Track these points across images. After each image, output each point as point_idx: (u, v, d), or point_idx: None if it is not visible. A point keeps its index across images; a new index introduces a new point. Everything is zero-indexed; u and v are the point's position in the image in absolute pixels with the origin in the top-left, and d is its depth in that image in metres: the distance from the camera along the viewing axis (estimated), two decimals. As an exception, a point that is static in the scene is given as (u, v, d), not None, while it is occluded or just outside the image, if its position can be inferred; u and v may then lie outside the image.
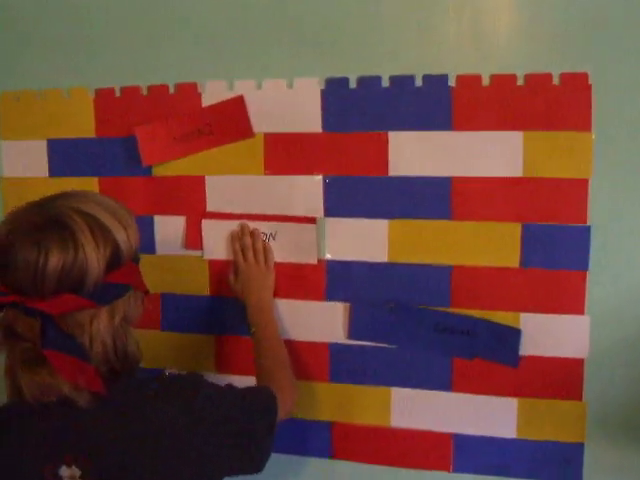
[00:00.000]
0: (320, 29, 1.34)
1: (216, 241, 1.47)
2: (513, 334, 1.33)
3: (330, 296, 1.42)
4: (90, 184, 1.51)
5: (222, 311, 1.49)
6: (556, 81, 1.25)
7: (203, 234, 1.47)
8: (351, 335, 1.42)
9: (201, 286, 1.49)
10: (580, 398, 1.33)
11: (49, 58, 1.50)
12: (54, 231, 0.89)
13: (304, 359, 1.46)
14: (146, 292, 1.04)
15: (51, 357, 0.89)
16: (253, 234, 1.43)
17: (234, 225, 1.45)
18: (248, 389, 1.12)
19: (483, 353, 1.35)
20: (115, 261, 0.93)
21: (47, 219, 0.90)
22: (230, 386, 1.09)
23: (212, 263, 1.48)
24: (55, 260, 0.87)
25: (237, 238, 1.43)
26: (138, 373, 1.01)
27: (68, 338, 0.91)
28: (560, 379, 1.33)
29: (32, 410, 0.93)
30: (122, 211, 0.98)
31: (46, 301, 0.89)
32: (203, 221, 1.46)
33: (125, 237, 0.95)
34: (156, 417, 0.95)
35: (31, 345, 0.91)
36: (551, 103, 1.26)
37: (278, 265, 1.44)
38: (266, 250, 1.42)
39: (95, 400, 0.92)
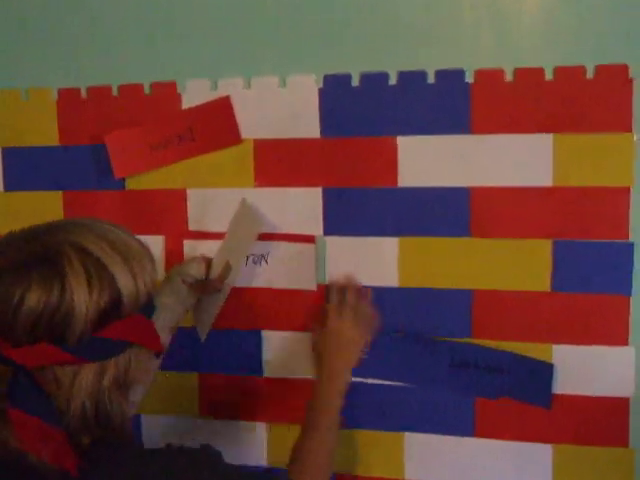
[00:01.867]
0: (317, 19, 1.32)
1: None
2: (545, 370, 1.30)
3: None
4: (52, 199, 1.48)
5: (207, 345, 1.45)
6: (590, 75, 1.22)
7: (185, 257, 1.44)
8: (357, 372, 1.36)
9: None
10: (626, 444, 1.30)
11: (4, 53, 1.47)
12: (40, 267, 0.83)
13: (302, 400, 1.36)
14: (158, 351, 0.97)
15: (15, 417, 0.82)
16: (360, 292, 1.35)
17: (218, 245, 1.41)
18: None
19: (510, 392, 1.32)
20: (112, 312, 0.86)
21: (37, 253, 0.85)
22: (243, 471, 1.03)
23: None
24: (33, 301, 0.81)
25: (339, 290, 1.35)
26: (130, 447, 0.94)
27: (40, 395, 0.84)
28: (602, 422, 1.30)
29: None
30: (137, 250, 0.91)
31: (18, 349, 0.82)
32: (185, 242, 1.43)
33: (132, 284, 0.88)
34: None
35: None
36: (585, 100, 1.23)
37: (271, 292, 1.41)
38: (370, 316, 1.34)
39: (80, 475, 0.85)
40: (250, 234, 1.34)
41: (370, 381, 1.38)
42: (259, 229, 1.34)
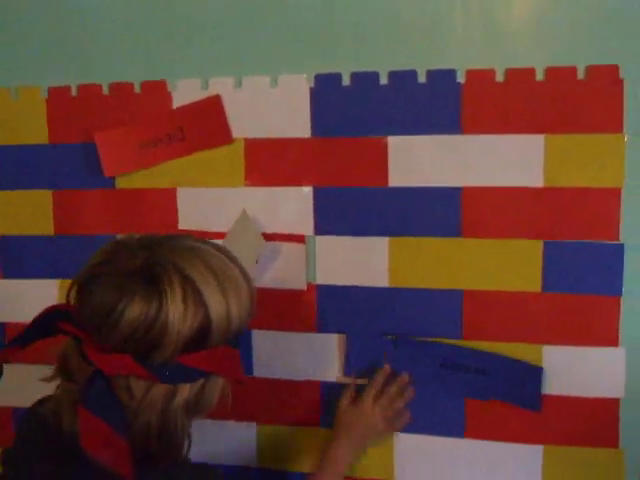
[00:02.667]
0: (309, 18, 1.31)
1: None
2: (534, 373, 1.29)
3: (322, 327, 1.39)
4: (42, 198, 1.47)
5: None
6: (581, 75, 1.22)
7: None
8: (347, 371, 1.38)
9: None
10: (616, 445, 1.29)
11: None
12: (144, 285, 0.87)
13: (291, 401, 1.42)
14: (238, 382, 0.99)
15: (83, 416, 0.86)
16: (401, 383, 1.34)
17: None
18: None
19: (499, 394, 1.32)
20: (200, 340, 0.90)
21: (144, 268, 0.89)
22: None
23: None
24: (134, 314, 0.86)
25: (384, 373, 1.34)
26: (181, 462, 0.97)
27: (112, 401, 0.88)
28: (592, 423, 1.29)
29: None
30: (235, 281, 0.94)
31: (103, 355, 0.88)
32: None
33: (225, 316, 0.91)
34: None
35: (76, 388, 0.91)
36: (576, 101, 1.23)
37: (262, 291, 1.35)
38: (401, 412, 1.34)
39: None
40: (253, 252, 1.34)
41: (359, 381, 1.37)
42: (262, 249, 1.34)
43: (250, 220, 1.36)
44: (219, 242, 1.10)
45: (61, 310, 0.95)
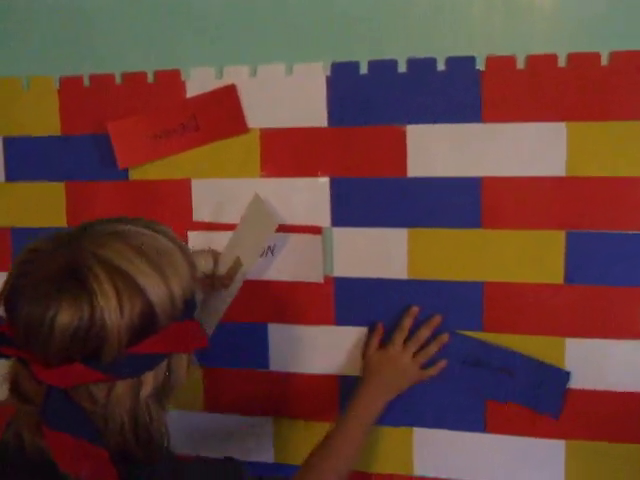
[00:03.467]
0: (325, 5, 1.30)
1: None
2: (559, 377, 1.28)
3: (340, 320, 1.38)
4: (55, 190, 1.47)
5: (212, 339, 1.40)
6: (605, 61, 1.20)
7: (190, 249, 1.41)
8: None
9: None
10: None
11: (4, 41, 1.46)
12: (67, 285, 0.81)
13: (309, 395, 1.42)
14: (202, 348, 0.94)
15: (50, 437, 0.81)
16: (432, 326, 1.33)
17: (225, 237, 1.39)
18: None
19: (518, 397, 1.31)
20: (146, 327, 0.84)
21: (63, 267, 0.83)
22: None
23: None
24: (65, 321, 0.80)
25: (411, 315, 1.33)
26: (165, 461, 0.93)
27: (77, 413, 0.84)
28: (617, 417, 1.28)
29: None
30: (169, 254, 0.89)
31: (51, 370, 0.82)
32: (189, 233, 1.43)
33: (165, 294, 0.85)
34: None
35: (35, 410, 0.85)
36: (599, 88, 1.21)
37: (278, 284, 1.40)
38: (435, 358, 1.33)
39: None
40: (263, 231, 1.32)
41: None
42: (273, 227, 1.31)
43: (263, 203, 1.34)
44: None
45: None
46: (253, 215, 1.36)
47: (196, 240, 1.42)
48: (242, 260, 1.32)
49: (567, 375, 1.28)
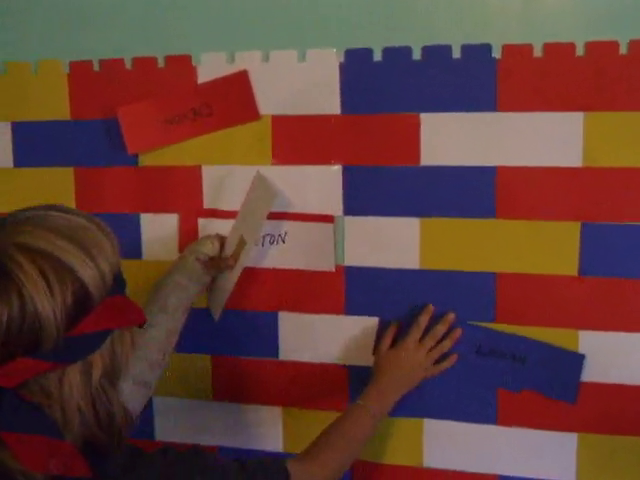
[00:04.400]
0: None
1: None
2: (574, 361, 1.28)
3: (350, 310, 1.38)
4: (64, 176, 1.48)
5: (221, 327, 1.45)
6: (623, 50, 1.19)
7: (200, 235, 1.43)
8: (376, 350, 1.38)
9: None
10: None
11: (13, 25, 1.46)
12: None
13: (318, 384, 1.42)
14: (141, 323, 0.92)
15: (10, 440, 0.79)
16: (447, 322, 1.33)
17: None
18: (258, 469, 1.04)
19: (533, 384, 1.32)
20: (82, 306, 0.82)
21: None
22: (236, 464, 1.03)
23: (211, 270, 1.44)
24: None
25: (428, 312, 1.33)
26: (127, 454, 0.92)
27: (33, 411, 0.81)
28: (630, 410, 1.28)
29: None
30: (92, 234, 0.87)
31: None
32: (200, 220, 1.43)
33: (94, 271, 0.83)
34: None
35: None
36: (617, 77, 1.21)
37: (288, 272, 1.41)
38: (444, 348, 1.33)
39: None
40: (264, 206, 1.31)
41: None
42: (273, 200, 1.29)
43: (265, 179, 1.34)
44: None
45: None
46: (255, 193, 1.36)
47: (206, 227, 1.43)
48: (245, 238, 1.32)
49: (582, 358, 1.28)
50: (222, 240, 1.38)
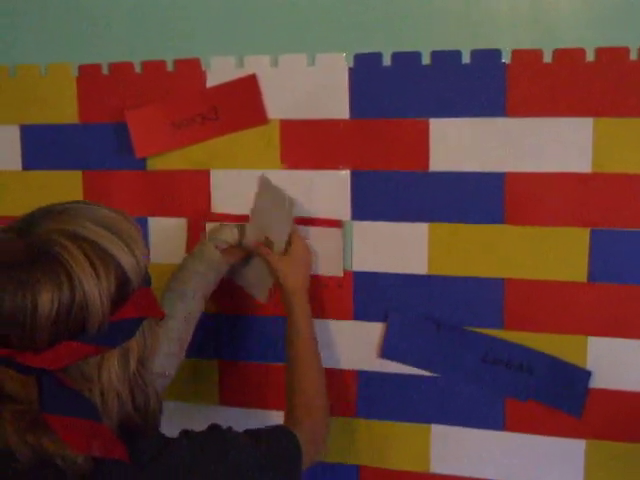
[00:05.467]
0: None
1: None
2: (580, 376, 1.29)
3: (359, 315, 1.39)
4: (72, 179, 1.48)
5: (229, 331, 1.46)
6: (634, 56, 1.20)
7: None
8: (384, 353, 1.39)
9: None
10: None
11: (23, 28, 1.46)
12: (41, 265, 0.80)
13: (327, 390, 1.39)
14: (162, 317, 0.96)
15: (54, 423, 0.81)
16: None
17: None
18: (266, 437, 1.05)
19: (539, 396, 1.32)
20: (123, 292, 0.86)
21: (30, 249, 0.82)
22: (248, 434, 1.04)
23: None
24: (47, 302, 0.79)
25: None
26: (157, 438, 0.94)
27: (74, 395, 0.84)
28: (638, 417, 1.28)
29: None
30: (124, 224, 0.90)
31: (40, 354, 0.81)
32: (207, 225, 1.43)
33: (133, 260, 0.87)
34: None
35: (25, 407, 0.84)
36: (627, 83, 1.21)
37: None
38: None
39: (117, 469, 0.86)
40: (284, 211, 1.33)
41: (395, 371, 1.37)
42: (291, 206, 1.33)
43: (272, 183, 1.36)
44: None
45: None
46: (266, 196, 1.37)
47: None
48: (272, 239, 1.34)
49: (588, 375, 1.28)
50: (242, 229, 1.39)
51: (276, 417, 1.44)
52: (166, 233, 1.46)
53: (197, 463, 0.91)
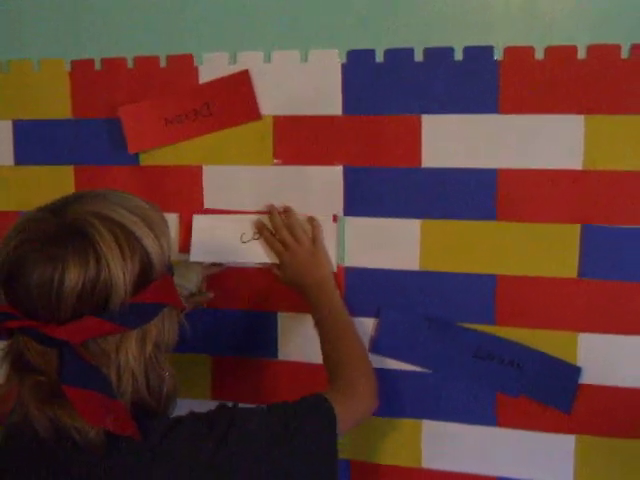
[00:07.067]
0: None
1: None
2: (570, 372, 1.29)
3: (351, 310, 1.37)
4: (64, 174, 1.48)
5: (222, 327, 1.46)
6: (625, 54, 1.21)
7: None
8: (375, 348, 1.39)
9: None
10: None
11: (15, 22, 1.46)
12: (72, 242, 0.86)
13: (317, 385, 1.37)
14: (182, 309, 1.00)
15: (71, 394, 0.85)
16: (285, 211, 1.39)
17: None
18: (298, 410, 1.03)
19: (530, 391, 1.32)
20: (146, 276, 0.90)
21: (63, 228, 0.87)
22: (275, 408, 1.02)
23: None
24: (74, 277, 0.84)
25: (263, 227, 1.39)
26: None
27: (92, 370, 0.88)
28: (629, 413, 1.29)
29: (46, 453, 0.90)
30: (153, 213, 0.95)
31: (64, 326, 0.86)
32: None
33: (157, 246, 0.92)
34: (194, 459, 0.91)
35: (46, 379, 0.88)
36: (619, 80, 1.22)
37: None
38: (303, 223, 1.38)
39: (128, 447, 0.89)
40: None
41: (387, 366, 1.38)
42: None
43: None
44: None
45: None
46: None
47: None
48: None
49: (578, 371, 1.29)
50: (204, 272, 1.41)
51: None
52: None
53: (205, 439, 0.92)
